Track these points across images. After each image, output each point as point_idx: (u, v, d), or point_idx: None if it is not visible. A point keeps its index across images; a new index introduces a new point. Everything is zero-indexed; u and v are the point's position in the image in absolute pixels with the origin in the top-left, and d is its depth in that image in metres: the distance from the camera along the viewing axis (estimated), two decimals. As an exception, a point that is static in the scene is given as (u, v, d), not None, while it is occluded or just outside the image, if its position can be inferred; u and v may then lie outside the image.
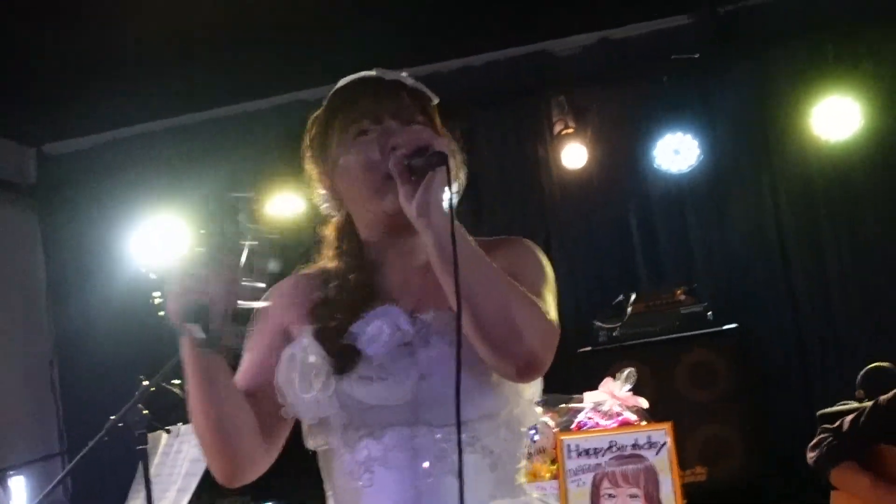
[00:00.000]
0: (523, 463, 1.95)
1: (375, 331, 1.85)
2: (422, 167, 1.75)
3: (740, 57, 6.24)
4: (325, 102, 2.00)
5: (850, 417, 3.67)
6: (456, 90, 6.50)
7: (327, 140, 1.95)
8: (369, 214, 1.94)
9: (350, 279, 1.94)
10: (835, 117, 5.81)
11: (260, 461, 1.91)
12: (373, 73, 1.98)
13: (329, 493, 1.95)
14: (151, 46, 5.64)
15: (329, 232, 2.03)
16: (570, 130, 6.33)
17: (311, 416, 1.87)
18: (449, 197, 1.73)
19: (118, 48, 5.64)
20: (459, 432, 1.67)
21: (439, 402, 1.80)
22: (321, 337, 1.86)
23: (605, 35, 6.38)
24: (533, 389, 1.93)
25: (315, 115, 2.01)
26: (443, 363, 1.80)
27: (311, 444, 1.93)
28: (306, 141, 2.01)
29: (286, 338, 1.92)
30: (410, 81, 1.98)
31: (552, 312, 1.85)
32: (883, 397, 3.65)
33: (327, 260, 2.01)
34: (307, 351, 1.85)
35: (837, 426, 3.69)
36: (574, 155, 6.27)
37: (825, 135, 5.86)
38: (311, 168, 2.01)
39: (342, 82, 2.00)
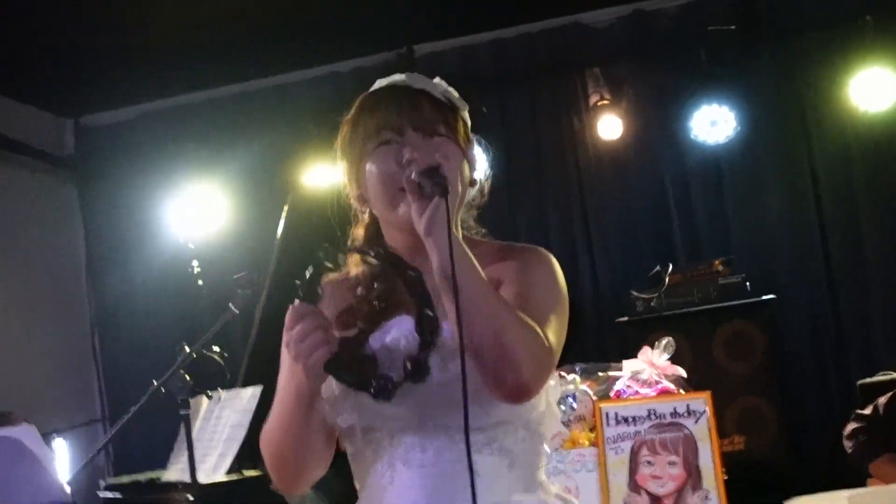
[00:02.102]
0: (545, 461, 1.98)
1: (393, 342, 1.89)
2: (429, 189, 1.77)
3: (777, 28, 6.19)
4: (354, 106, 2.02)
5: (883, 400, 3.65)
6: (490, 63, 6.51)
7: (354, 144, 1.98)
8: (386, 222, 1.98)
9: (375, 287, 1.97)
10: (873, 88, 5.76)
11: (320, 469, 1.97)
12: (403, 77, 1.99)
13: (357, 488, 2.00)
14: (188, 19, 5.66)
15: (358, 232, 2.06)
16: (606, 102, 6.31)
17: (344, 423, 1.91)
18: (449, 229, 1.74)
19: (155, 20, 5.66)
20: (469, 452, 1.68)
21: (455, 409, 1.80)
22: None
23: (639, 6, 6.35)
24: (553, 394, 1.96)
25: (346, 115, 2.03)
26: (458, 372, 1.79)
27: (343, 447, 1.99)
28: (338, 140, 2.03)
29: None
30: (439, 90, 1.98)
31: (553, 337, 1.85)
32: None
33: (353, 264, 2.03)
34: None
35: (872, 412, 3.68)
36: (610, 126, 6.26)
37: (863, 105, 5.81)
38: (341, 165, 2.04)
39: (374, 87, 2.02)
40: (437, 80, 2.01)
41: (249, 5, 5.66)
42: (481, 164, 2.09)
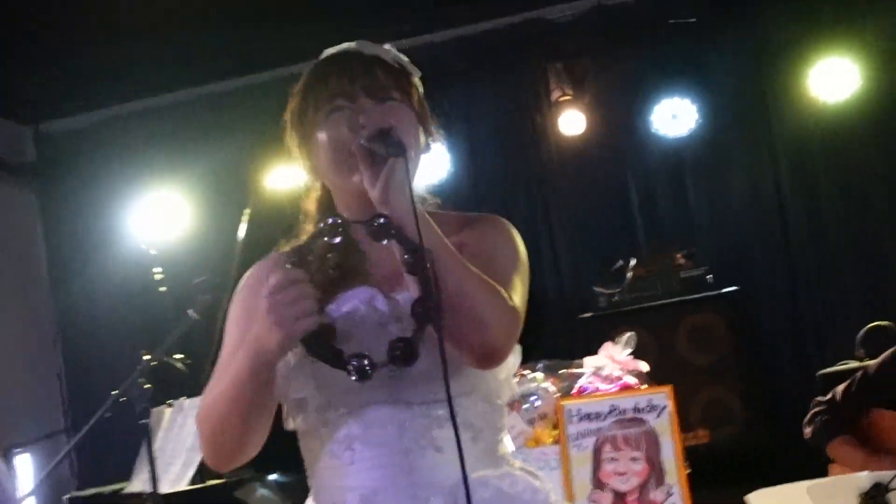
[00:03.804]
0: (504, 434, 1.95)
1: (351, 311, 1.85)
2: (383, 154, 1.73)
3: (737, 20, 6.21)
4: (304, 75, 1.98)
5: (841, 388, 3.68)
6: (453, 59, 6.50)
7: (304, 114, 1.94)
8: (341, 191, 1.94)
9: (328, 258, 1.92)
10: (832, 78, 5.79)
11: (258, 448, 1.91)
12: (354, 45, 1.96)
13: (309, 473, 1.94)
14: (148, 22, 5.63)
15: (310, 205, 2.03)
16: (568, 97, 6.32)
17: (291, 397, 1.87)
18: (409, 188, 1.70)
19: (114, 24, 5.62)
20: (454, 418, 1.65)
21: (416, 381, 1.80)
22: None
23: (600, 1, 6.36)
24: (511, 362, 1.92)
25: (296, 87, 1.99)
26: (418, 342, 1.78)
27: (290, 424, 1.93)
28: (287, 113, 2.00)
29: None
30: (391, 56, 1.95)
31: (517, 299, 1.83)
32: (872, 363, 3.67)
33: (307, 236, 1.99)
34: None
35: (830, 398, 3.71)
36: (572, 121, 6.27)
37: (823, 96, 5.84)
38: (290, 140, 1.99)
39: (324, 55, 1.98)
40: (387, 46, 1.98)
41: (209, 8, 5.63)
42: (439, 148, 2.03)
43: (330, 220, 1.80)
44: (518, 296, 1.85)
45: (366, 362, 1.71)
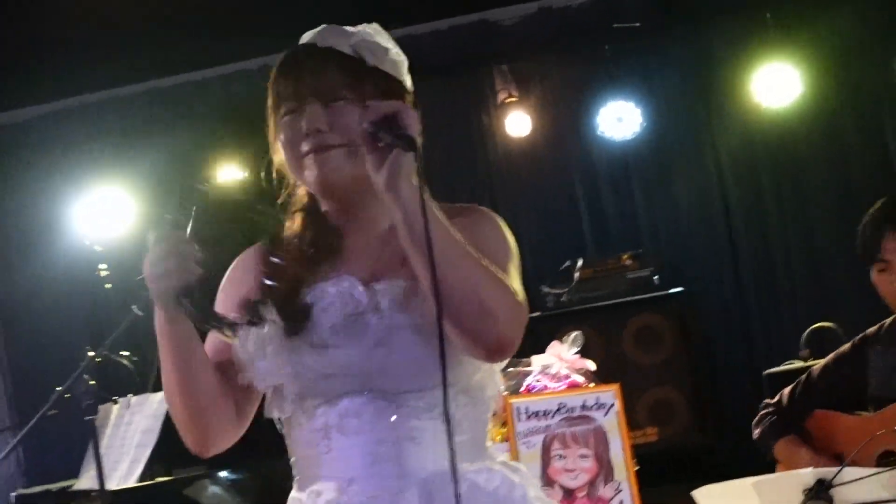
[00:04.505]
0: (489, 427, 1.95)
1: (329, 299, 1.84)
2: (388, 143, 1.70)
3: (681, 25, 6.28)
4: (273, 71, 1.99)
5: (787, 390, 3.73)
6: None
7: (269, 112, 1.95)
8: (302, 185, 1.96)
9: (306, 237, 1.93)
10: (775, 84, 5.87)
11: (231, 431, 1.92)
12: (314, 35, 1.96)
13: (292, 461, 1.95)
14: (93, 15, 5.57)
15: (301, 192, 2.01)
16: (514, 99, 6.35)
17: (265, 385, 1.87)
18: (419, 178, 1.68)
19: (59, 16, 5.56)
20: (448, 416, 1.65)
21: (393, 371, 1.81)
22: (273, 295, 1.86)
23: (545, 4, 6.39)
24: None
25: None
26: (396, 332, 1.80)
27: (272, 413, 1.93)
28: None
29: (247, 307, 1.91)
30: (351, 42, 1.93)
31: (519, 290, 1.83)
32: (815, 367, 3.72)
33: (294, 220, 2.00)
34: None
35: (777, 400, 3.76)
36: (518, 123, 6.30)
37: (766, 101, 5.92)
38: (270, 136, 2.00)
39: (284, 53, 1.98)
40: (360, 27, 1.97)
41: (156, 3, 5.59)
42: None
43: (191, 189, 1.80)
44: (519, 287, 1.84)
45: (229, 323, 1.74)
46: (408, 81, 2.01)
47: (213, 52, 6.36)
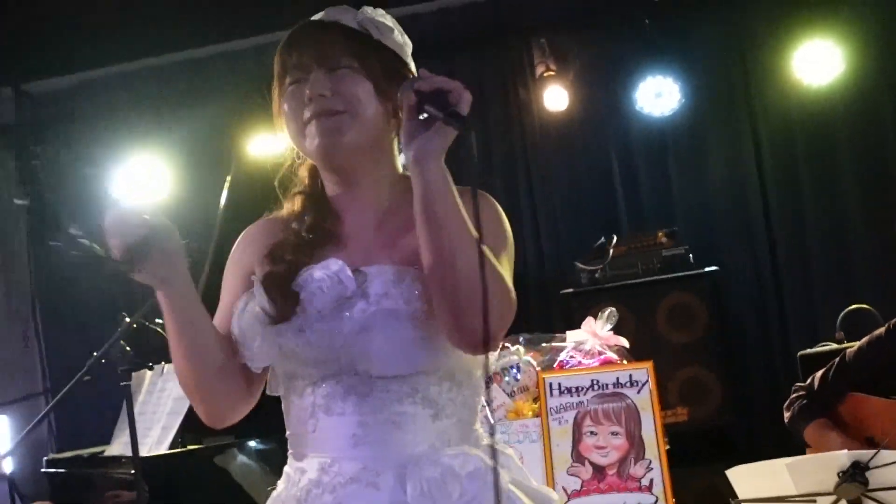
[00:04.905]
0: (478, 410, 1.95)
1: (317, 283, 1.85)
2: (439, 117, 1.69)
3: (722, 0, 6.22)
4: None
5: (819, 373, 3.70)
6: (437, 32, 6.47)
7: (274, 86, 1.99)
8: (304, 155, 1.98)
9: (306, 220, 1.95)
10: (816, 61, 5.80)
11: (242, 403, 1.94)
12: (322, 14, 1.98)
13: (287, 434, 1.98)
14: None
15: (303, 173, 2.04)
16: (552, 73, 6.31)
17: (256, 365, 1.89)
18: (474, 160, 1.68)
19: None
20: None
21: (377, 356, 1.82)
22: (267, 283, 1.88)
23: (586, -24, 6.35)
24: None
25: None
26: (381, 318, 1.80)
27: (270, 389, 1.97)
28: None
29: (251, 282, 1.94)
30: (358, 19, 1.95)
31: (511, 285, 1.83)
32: (849, 350, 3.69)
33: (291, 201, 2.02)
34: (257, 298, 1.88)
35: (809, 383, 3.73)
36: (556, 98, 6.26)
37: (807, 79, 5.86)
38: (274, 111, 2.02)
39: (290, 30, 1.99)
40: (364, 8, 1.98)
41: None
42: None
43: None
44: (510, 279, 1.85)
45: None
46: (412, 65, 2.01)
47: (249, 22, 6.35)
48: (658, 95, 6.05)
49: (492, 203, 1.96)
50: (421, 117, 1.71)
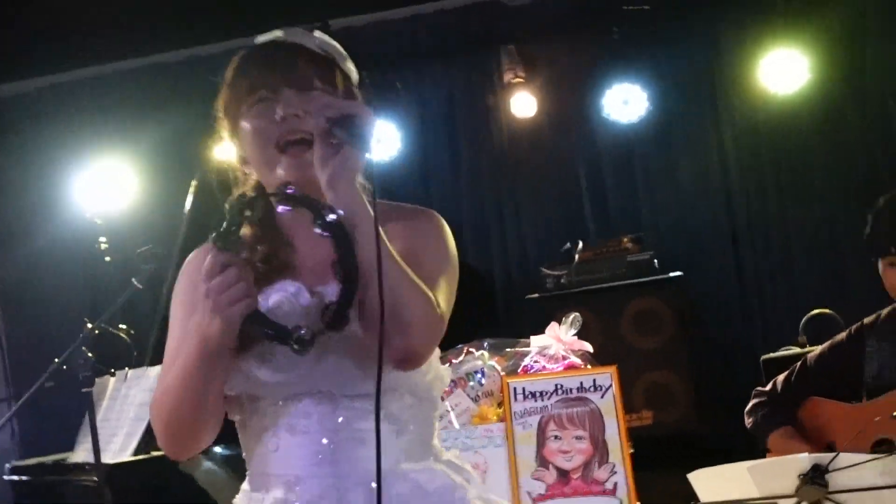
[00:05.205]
0: (436, 426, 1.96)
1: (274, 306, 1.83)
2: (343, 139, 1.72)
3: (690, 9, 6.25)
4: (230, 66, 1.97)
5: (781, 377, 3.71)
6: (406, 38, 6.48)
7: (230, 105, 1.93)
8: (269, 182, 1.91)
9: (258, 250, 1.91)
10: (782, 70, 5.85)
11: (214, 434, 1.90)
12: (279, 33, 1.95)
13: (245, 457, 1.96)
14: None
15: (247, 191, 1.98)
16: (521, 80, 6.34)
17: (227, 393, 1.86)
18: (369, 181, 1.72)
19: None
20: (378, 419, 1.68)
21: (338, 375, 1.81)
22: None
23: (554, -16, 6.38)
24: (437, 360, 1.94)
25: (224, 77, 1.97)
26: (342, 337, 1.78)
27: (229, 413, 1.94)
28: (217, 102, 1.98)
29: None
30: (316, 43, 1.94)
31: (443, 304, 1.83)
32: (810, 355, 3.71)
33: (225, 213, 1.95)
34: None
35: (770, 388, 3.75)
36: (524, 104, 6.29)
37: (772, 87, 5.90)
38: (221, 129, 1.98)
39: (253, 45, 1.97)
40: (315, 33, 1.96)
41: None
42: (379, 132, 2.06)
43: (244, 196, 1.76)
44: (444, 299, 1.84)
45: (303, 332, 1.69)
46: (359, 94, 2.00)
47: (216, 27, 6.33)
48: (625, 103, 6.09)
49: (436, 222, 1.95)
50: (332, 142, 1.73)
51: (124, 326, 4.09)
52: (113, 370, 4.25)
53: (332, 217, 1.69)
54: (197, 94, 6.22)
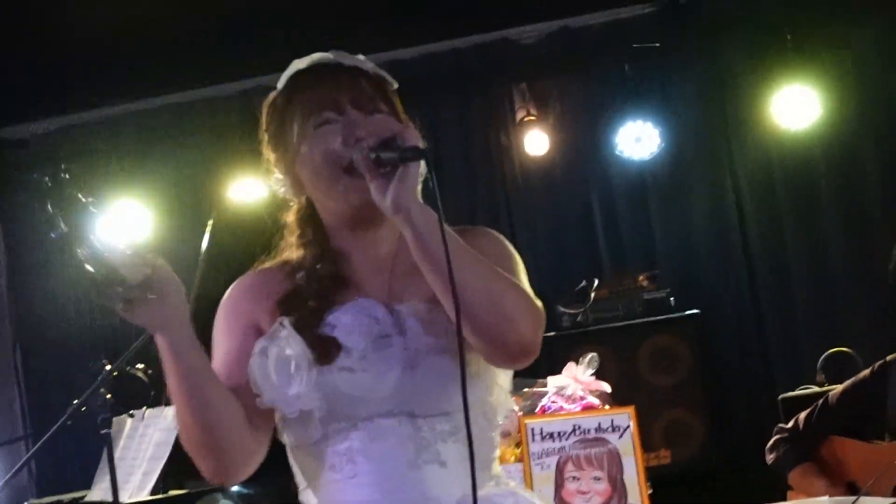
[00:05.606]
0: (497, 452, 1.95)
1: (352, 322, 1.82)
2: (392, 160, 1.71)
3: (700, 45, 6.28)
4: (280, 85, 1.95)
5: (803, 415, 3.71)
6: (419, 77, 6.51)
7: (285, 126, 1.90)
8: (332, 205, 1.90)
9: (318, 269, 1.89)
10: (794, 106, 5.85)
11: (252, 456, 1.87)
12: (330, 55, 1.93)
13: (303, 487, 1.92)
14: (110, 29, 5.59)
15: (290, 218, 1.98)
16: (533, 118, 6.36)
17: (292, 410, 1.82)
18: (434, 189, 1.70)
19: (78, 28, 5.58)
20: (470, 437, 1.67)
21: (422, 393, 1.80)
22: (298, 327, 1.82)
23: (565, 23, 6.39)
24: (507, 376, 1.93)
25: (271, 98, 1.96)
26: (423, 355, 1.79)
27: (286, 438, 1.90)
28: (263, 125, 1.97)
29: (258, 333, 1.88)
30: (370, 66, 1.93)
31: (532, 293, 1.83)
32: (832, 393, 3.70)
33: (290, 249, 1.96)
34: (286, 342, 1.81)
35: (793, 425, 3.74)
36: (536, 142, 6.30)
37: (785, 123, 5.90)
38: (268, 153, 1.96)
39: (300, 64, 1.94)
40: (360, 56, 1.95)
41: (171, 17, 5.60)
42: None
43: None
44: (528, 289, 1.85)
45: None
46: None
47: (231, 67, 6.38)
48: (638, 140, 6.09)
49: (498, 235, 1.97)
50: (382, 171, 1.72)
51: (141, 366, 4.10)
52: (132, 412, 4.26)
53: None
54: (211, 134, 6.33)
